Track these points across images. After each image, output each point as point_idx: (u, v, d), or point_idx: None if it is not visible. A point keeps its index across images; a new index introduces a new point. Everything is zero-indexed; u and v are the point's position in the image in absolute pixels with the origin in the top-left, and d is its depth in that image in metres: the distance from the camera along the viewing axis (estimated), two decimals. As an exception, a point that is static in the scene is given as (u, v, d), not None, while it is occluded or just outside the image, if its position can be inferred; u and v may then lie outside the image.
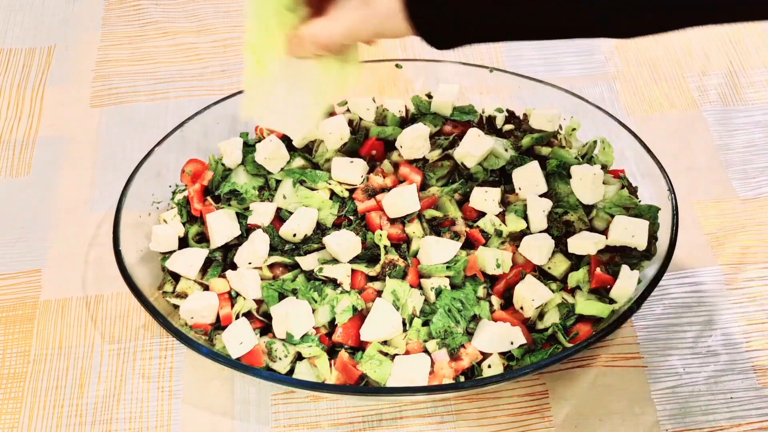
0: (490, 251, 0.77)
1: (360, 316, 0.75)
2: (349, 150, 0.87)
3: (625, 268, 0.76)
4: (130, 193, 0.82)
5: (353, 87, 0.70)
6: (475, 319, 0.75)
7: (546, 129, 0.88)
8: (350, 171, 0.84)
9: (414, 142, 0.85)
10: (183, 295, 0.77)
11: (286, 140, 0.88)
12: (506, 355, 0.73)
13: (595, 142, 0.87)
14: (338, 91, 0.68)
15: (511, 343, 0.72)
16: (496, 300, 0.77)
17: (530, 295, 0.74)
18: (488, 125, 0.90)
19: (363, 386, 0.71)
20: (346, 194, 0.84)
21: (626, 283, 0.75)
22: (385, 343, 0.73)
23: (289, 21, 0.63)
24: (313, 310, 0.75)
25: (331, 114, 0.91)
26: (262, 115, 0.69)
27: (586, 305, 0.74)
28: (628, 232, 0.77)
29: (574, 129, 0.88)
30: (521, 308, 0.75)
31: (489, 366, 0.72)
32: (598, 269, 0.75)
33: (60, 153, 0.98)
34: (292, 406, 0.76)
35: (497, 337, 0.72)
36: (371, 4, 0.58)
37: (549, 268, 0.78)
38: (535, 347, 0.73)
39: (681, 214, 0.79)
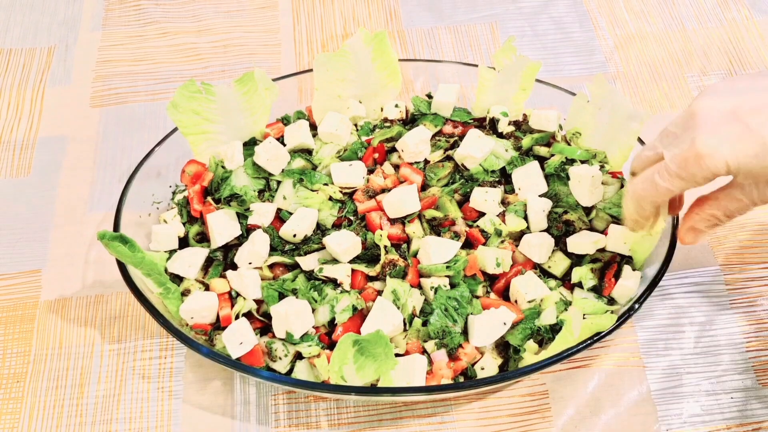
0: (490, 250, 0.77)
1: (360, 315, 0.75)
2: (349, 157, 0.87)
3: (626, 269, 0.76)
4: (130, 193, 0.82)
5: None
6: (473, 317, 0.75)
7: (546, 129, 0.88)
8: (350, 175, 0.84)
9: (416, 147, 0.85)
10: (185, 293, 0.77)
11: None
12: (507, 349, 0.73)
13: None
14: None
15: (504, 323, 0.72)
16: (495, 298, 0.77)
17: (524, 288, 0.74)
18: (490, 126, 0.90)
19: (363, 386, 0.71)
20: (344, 198, 0.84)
21: (627, 283, 0.75)
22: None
23: None
24: (313, 310, 0.75)
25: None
26: None
27: (582, 304, 0.74)
28: (624, 241, 0.77)
29: (576, 134, 0.87)
30: (515, 301, 0.75)
31: (482, 368, 0.72)
32: (613, 278, 0.76)
33: (60, 153, 0.98)
34: (292, 406, 0.76)
35: (489, 325, 0.72)
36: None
37: (549, 266, 0.78)
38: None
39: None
